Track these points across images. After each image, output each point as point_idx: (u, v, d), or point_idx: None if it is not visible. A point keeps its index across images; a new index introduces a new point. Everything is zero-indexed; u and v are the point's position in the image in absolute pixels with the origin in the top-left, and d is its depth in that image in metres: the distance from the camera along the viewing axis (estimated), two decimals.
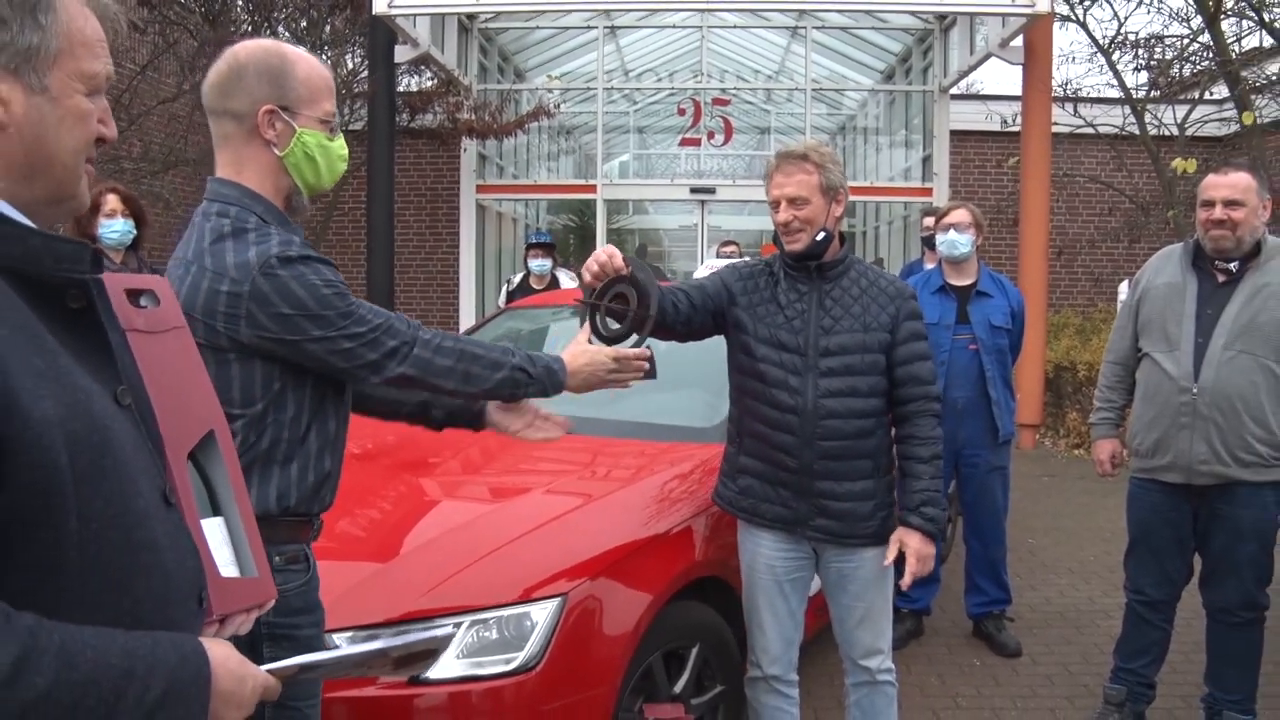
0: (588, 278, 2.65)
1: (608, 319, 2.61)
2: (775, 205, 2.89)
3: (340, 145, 2.05)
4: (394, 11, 9.30)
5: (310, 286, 1.91)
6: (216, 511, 1.36)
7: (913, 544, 2.82)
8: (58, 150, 1.14)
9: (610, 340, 2.59)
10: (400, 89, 11.11)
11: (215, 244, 1.91)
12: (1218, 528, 3.44)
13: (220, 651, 1.16)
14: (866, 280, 2.94)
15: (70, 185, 1.18)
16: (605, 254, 2.62)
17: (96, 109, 1.18)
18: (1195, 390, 3.36)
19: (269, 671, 1.24)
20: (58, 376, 1.07)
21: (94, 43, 1.16)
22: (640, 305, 2.57)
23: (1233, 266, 3.38)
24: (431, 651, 1.46)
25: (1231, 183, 3.36)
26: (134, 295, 1.31)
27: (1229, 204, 3.33)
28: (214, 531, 1.34)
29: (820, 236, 2.86)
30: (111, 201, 4.28)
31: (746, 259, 3.12)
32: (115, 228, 4.27)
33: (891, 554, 2.85)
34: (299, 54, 1.99)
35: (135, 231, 4.35)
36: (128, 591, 1.14)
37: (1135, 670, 3.71)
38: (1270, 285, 3.32)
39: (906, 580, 2.82)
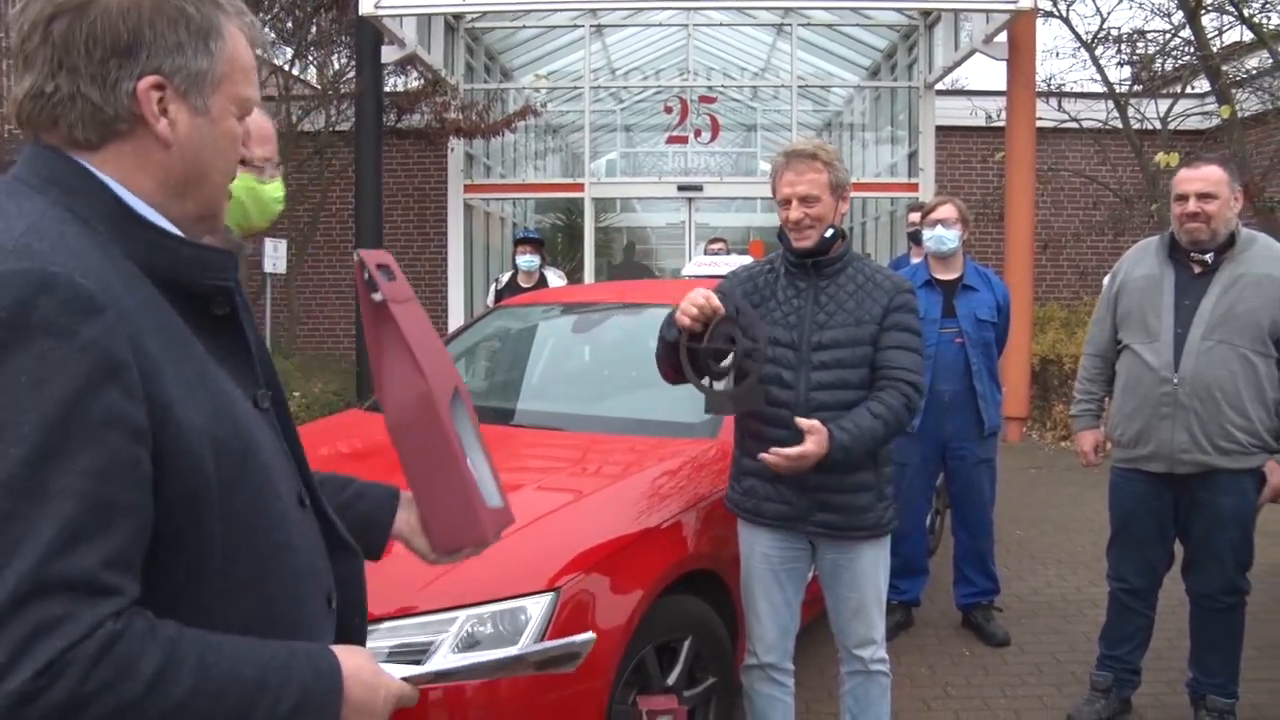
0: (686, 321, 2.75)
1: (709, 360, 2.74)
2: (785, 203, 2.96)
3: (274, 189, 2.07)
4: (380, 12, 9.30)
5: None
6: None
7: (813, 435, 2.76)
8: (211, 170, 1.20)
9: (717, 377, 2.74)
10: (387, 89, 11.11)
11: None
12: (1199, 515, 3.49)
13: (354, 662, 1.19)
14: (864, 276, 2.99)
15: (216, 203, 1.24)
16: (702, 296, 2.74)
17: (240, 131, 1.24)
18: (1176, 380, 3.41)
19: (405, 679, 1.27)
20: (205, 384, 1.12)
21: (249, 70, 1.23)
22: (749, 337, 2.71)
23: (1208, 258, 3.44)
24: (574, 655, 1.46)
25: (1203, 176, 3.41)
26: (381, 269, 1.49)
27: (1202, 197, 3.39)
28: (480, 466, 1.53)
29: (829, 234, 2.94)
30: None
31: (749, 260, 3.19)
32: None
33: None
34: None
35: None
36: (264, 591, 1.18)
37: (1120, 657, 3.77)
38: (1246, 275, 3.38)
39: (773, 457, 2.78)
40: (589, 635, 1.50)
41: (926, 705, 3.97)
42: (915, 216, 5.71)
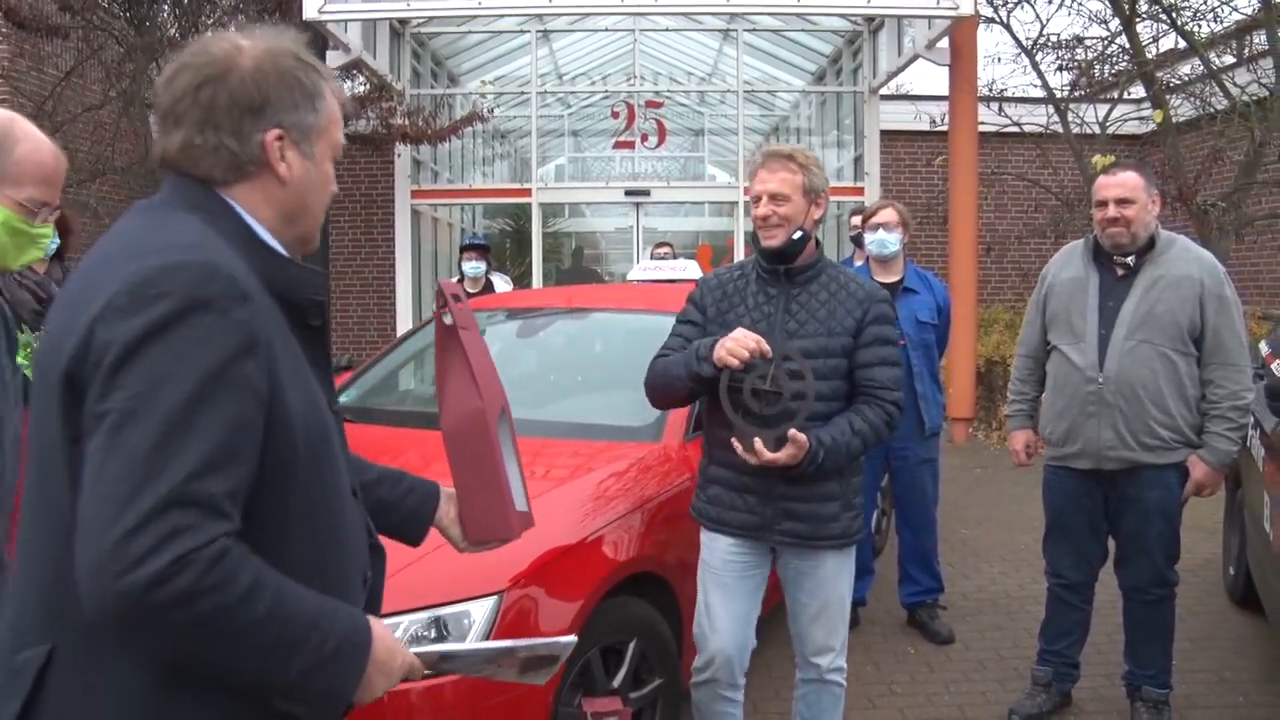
0: (735, 363, 2.72)
1: (751, 399, 2.73)
2: (756, 200, 2.95)
3: (41, 233, 2.07)
4: (324, 17, 9.22)
5: None
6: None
7: (793, 444, 2.74)
8: (314, 204, 1.51)
9: (763, 421, 2.71)
10: None
11: None
12: (1127, 510, 3.58)
13: (379, 628, 1.43)
14: (837, 284, 2.97)
15: (314, 230, 1.54)
16: (753, 341, 2.72)
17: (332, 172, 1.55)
18: (1101, 380, 3.51)
19: (415, 653, 1.51)
20: (303, 380, 1.40)
21: (340, 121, 1.53)
22: (800, 379, 2.72)
23: (1130, 261, 3.54)
24: (554, 659, 1.68)
25: (1121, 182, 3.52)
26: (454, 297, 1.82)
27: (1120, 202, 3.49)
28: (514, 476, 1.82)
29: (797, 235, 2.92)
30: None
31: (718, 270, 3.20)
32: None
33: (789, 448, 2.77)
34: (29, 133, 2.02)
35: (59, 241, 4.26)
36: (324, 562, 1.43)
37: (1059, 651, 3.85)
38: (1165, 277, 3.48)
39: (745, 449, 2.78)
40: (570, 639, 1.68)
41: (871, 703, 4.01)
42: (857, 220, 5.77)
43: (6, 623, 1.40)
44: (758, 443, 2.75)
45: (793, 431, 2.74)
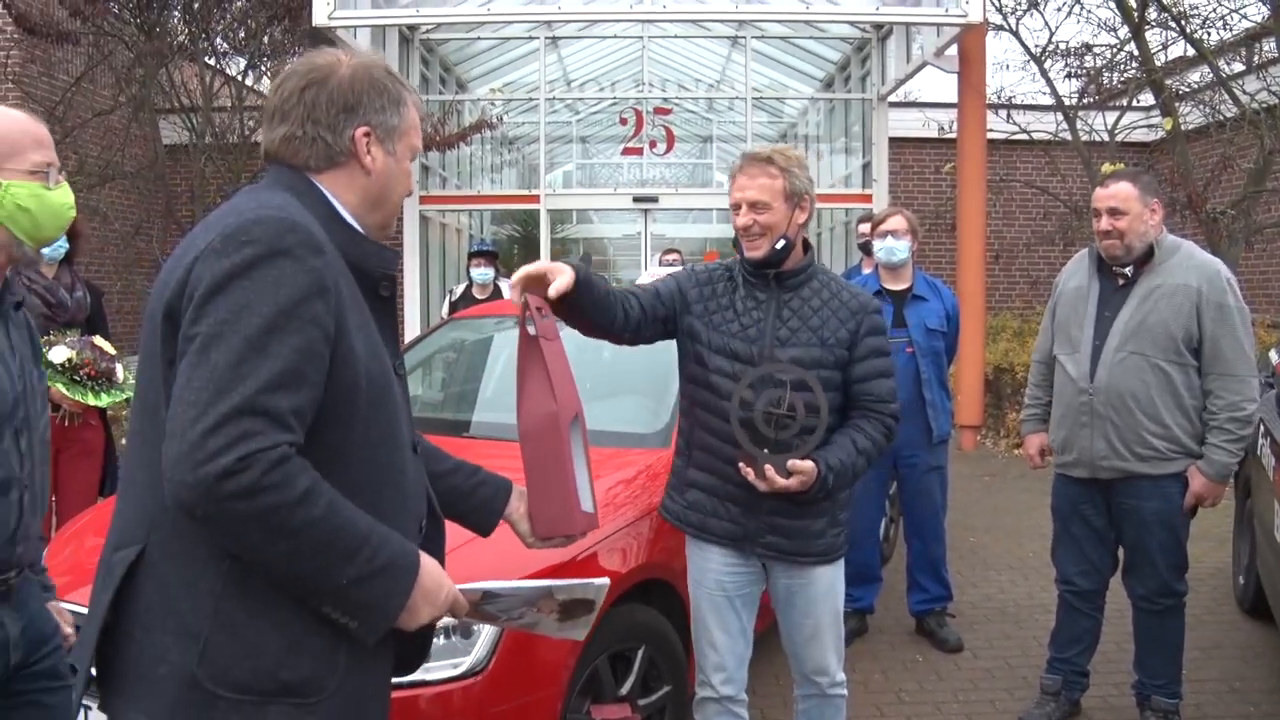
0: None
1: (765, 428, 2.66)
2: (736, 208, 2.82)
3: (62, 193, 2.09)
4: (334, 23, 9.25)
5: None
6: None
7: (800, 476, 2.67)
8: (393, 194, 1.77)
9: (775, 446, 2.65)
10: None
11: None
12: (1126, 520, 3.59)
13: (428, 560, 1.62)
14: (829, 292, 2.85)
15: (392, 218, 1.81)
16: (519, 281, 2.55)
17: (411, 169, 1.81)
18: (1091, 390, 3.53)
19: (460, 589, 1.67)
20: (369, 333, 1.63)
21: (419, 129, 1.80)
22: (816, 412, 2.66)
23: (1128, 271, 3.55)
24: (590, 604, 1.82)
25: (1112, 193, 3.52)
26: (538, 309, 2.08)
27: (1112, 213, 3.49)
28: (582, 478, 1.97)
29: (780, 244, 2.78)
30: None
31: (708, 264, 3.05)
32: None
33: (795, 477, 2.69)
34: None
35: (67, 245, 4.27)
36: (379, 496, 1.62)
37: (1069, 659, 3.83)
38: (1162, 286, 3.47)
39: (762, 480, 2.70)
40: (604, 580, 1.85)
41: (880, 711, 4.00)
42: (865, 228, 5.77)
43: (111, 531, 1.66)
44: (769, 469, 2.67)
45: (793, 462, 2.66)
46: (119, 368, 4.24)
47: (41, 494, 2.16)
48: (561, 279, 2.32)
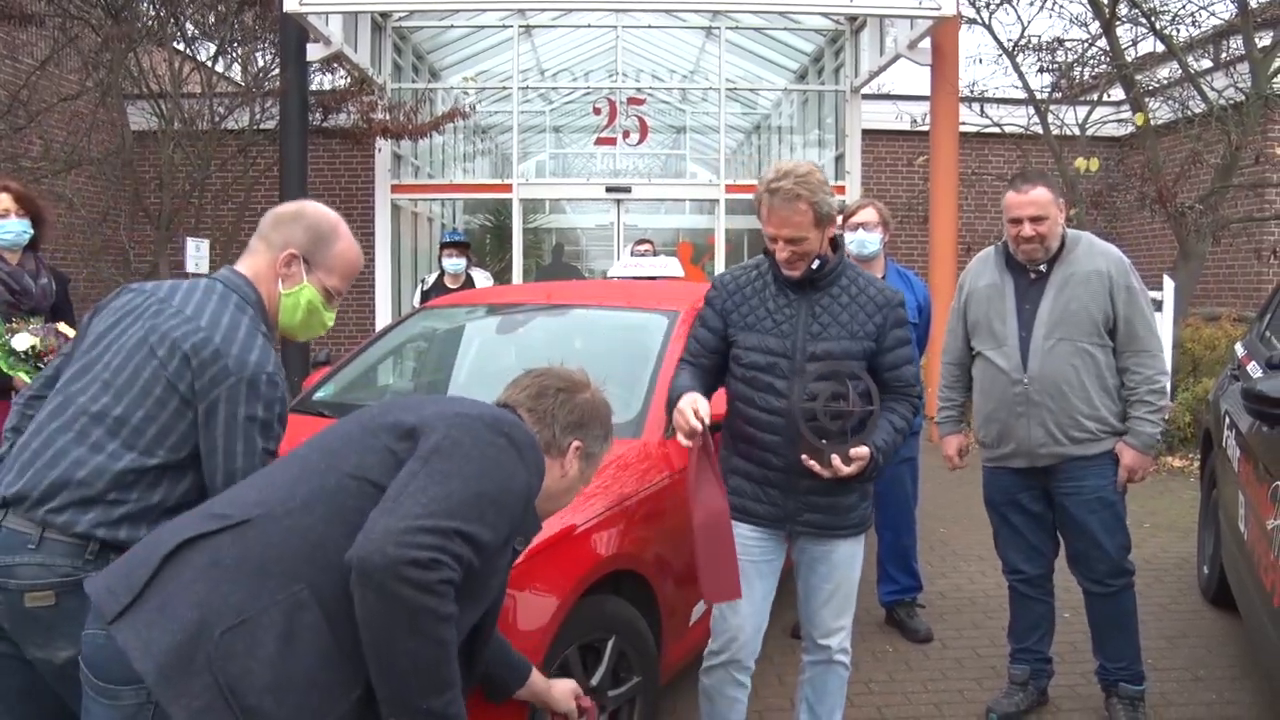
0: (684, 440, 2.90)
1: (830, 424, 2.91)
2: (772, 240, 2.99)
3: (330, 317, 2.39)
4: (304, 9, 9.17)
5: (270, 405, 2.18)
6: None
7: (859, 461, 2.92)
8: (563, 501, 2.32)
9: (838, 438, 2.89)
10: (313, 88, 10.94)
11: (232, 325, 2.19)
12: (1069, 502, 3.65)
13: None
14: (856, 288, 3.06)
15: (551, 514, 2.29)
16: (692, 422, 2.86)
17: None
18: (1026, 380, 3.59)
19: None
20: (506, 573, 2.13)
21: (594, 472, 2.35)
22: (869, 400, 2.93)
23: (1042, 268, 3.63)
24: None
25: (1033, 200, 3.55)
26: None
27: (1034, 220, 3.54)
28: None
29: (816, 265, 2.99)
30: (4, 200, 4.13)
31: (733, 270, 3.26)
32: (9, 228, 4.13)
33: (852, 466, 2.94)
34: (347, 235, 2.40)
35: (32, 231, 4.21)
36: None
37: (1030, 648, 3.87)
38: (1075, 274, 3.58)
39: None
40: None
41: (850, 701, 3.99)
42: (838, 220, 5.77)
43: (226, 495, 1.96)
44: (835, 460, 2.90)
45: (855, 450, 2.91)
46: None
47: None
48: (705, 406, 2.88)
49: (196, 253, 9.16)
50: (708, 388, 3.08)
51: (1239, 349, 5.21)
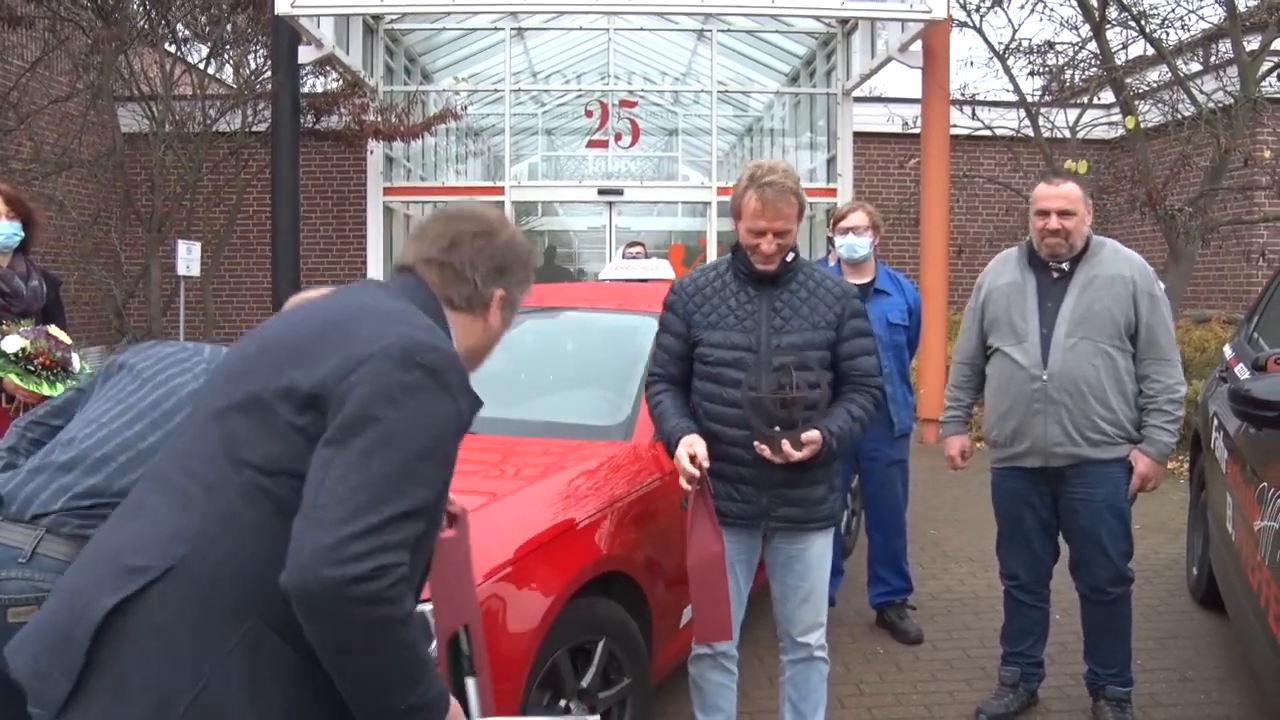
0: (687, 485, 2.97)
1: (777, 411, 2.95)
2: (760, 234, 3.03)
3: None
4: (296, 11, 9.15)
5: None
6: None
7: (811, 446, 2.95)
8: (488, 353, 1.97)
9: (788, 424, 2.94)
10: (305, 90, 10.93)
11: None
12: (1077, 508, 3.64)
13: (455, 704, 1.69)
14: (814, 282, 3.15)
15: (475, 370, 1.86)
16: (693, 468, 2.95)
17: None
18: (1045, 377, 3.58)
19: None
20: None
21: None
22: (817, 387, 2.99)
23: (1065, 266, 3.63)
24: None
25: (1064, 194, 3.59)
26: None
27: (1062, 214, 3.56)
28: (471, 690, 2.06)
29: (790, 258, 3.10)
30: None
31: (689, 274, 3.33)
32: None
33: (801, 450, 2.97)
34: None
35: (22, 234, 4.20)
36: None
37: (1022, 652, 3.88)
38: (1099, 277, 3.58)
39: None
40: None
41: (840, 703, 4.02)
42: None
43: (125, 534, 1.64)
44: (785, 445, 2.95)
45: (806, 434, 2.94)
46: (75, 357, 4.17)
47: None
48: (701, 447, 2.96)
49: (188, 255, 9.15)
50: (686, 404, 3.17)
51: (1227, 351, 5.24)
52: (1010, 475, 3.76)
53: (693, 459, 2.93)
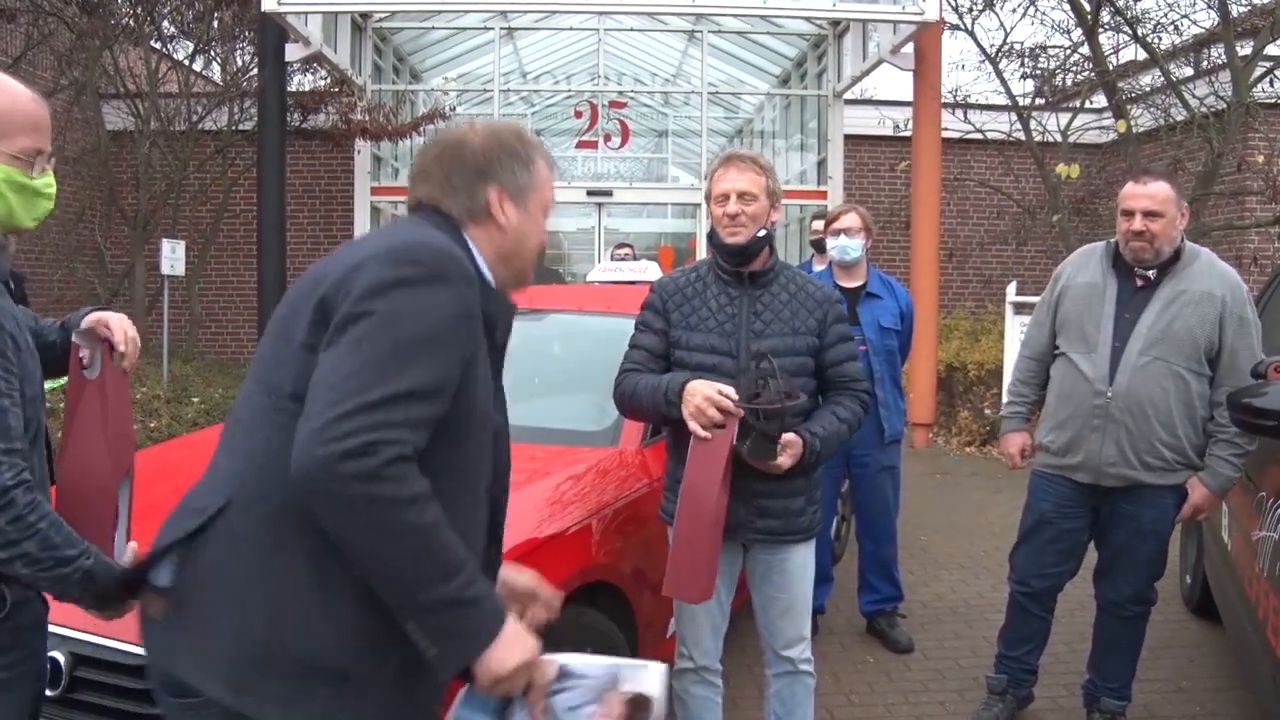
0: (704, 432, 2.77)
1: (758, 423, 2.79)
2: (723, 198, 2.98)
3: (45, 183, 1.95)
4: (283, 9, 9.07)
5: None
6: None
7: (791, 449, 2.86)
8: (525, 248, 1.85)
9: (771, 435, 2.80)
10: (292, 88, 10.83)
11: None
12: (1120, 525, 3.48)
13: (512, 619, 1.64)
14: (795, 285, 3.07)
15: (527, 272, 1.88)
16: (721, 398, 2.75)
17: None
18: (1110, 394, 3.37)
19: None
20: (485, 371, 1.73)
21: (551, 181, 1.89)
22: (795, 398, 2.82)
23: (1151, 274, 3.40)
24: (648, 701, 1.82)
25: (1151, 194, 3.32)
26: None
27: (1148, 215, 3.31)
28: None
29: (761, 234, 2.99)
30: None
31: (670, 274, 3.23)
32: None
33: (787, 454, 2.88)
34: (5, 85, 1.89)
35: None
36: (459, 514, 1.63)
37: (1018, 658, 3.79)
38: (1187, 292, 3.34)
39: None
40: (662, 665, 1.86)
41: (830, 713, 3.96)
42: (819, 225, 5.72)
43: (195, 490, 1.72)
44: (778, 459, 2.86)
45: (788, 437, 2.86)
46: None
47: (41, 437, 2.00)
48: (728, 389, 2.78)
49: (172, 254, 9.04)
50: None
51: None
52: (1058, 482, 3.56)
53: (721, 393, 2.75)
